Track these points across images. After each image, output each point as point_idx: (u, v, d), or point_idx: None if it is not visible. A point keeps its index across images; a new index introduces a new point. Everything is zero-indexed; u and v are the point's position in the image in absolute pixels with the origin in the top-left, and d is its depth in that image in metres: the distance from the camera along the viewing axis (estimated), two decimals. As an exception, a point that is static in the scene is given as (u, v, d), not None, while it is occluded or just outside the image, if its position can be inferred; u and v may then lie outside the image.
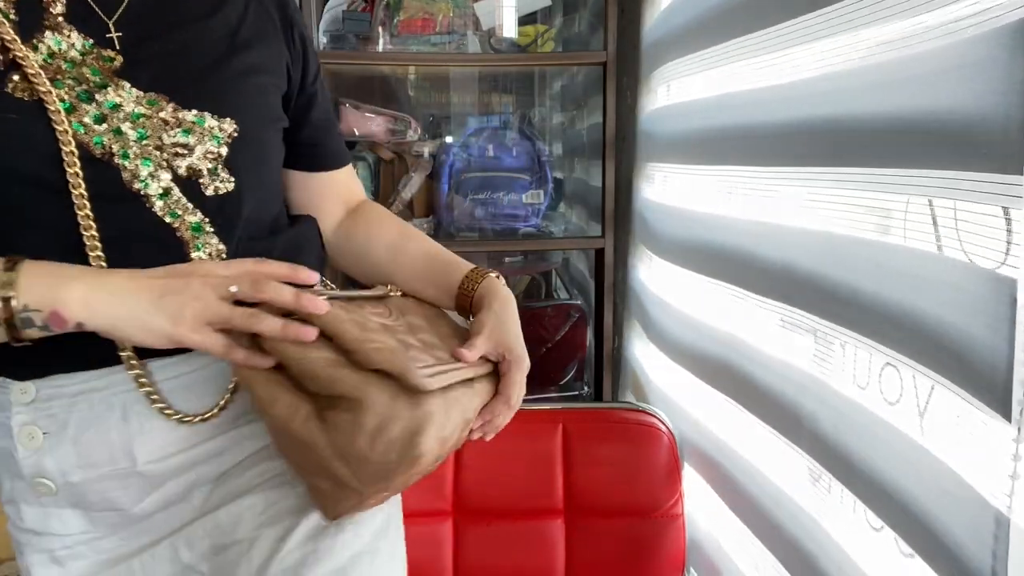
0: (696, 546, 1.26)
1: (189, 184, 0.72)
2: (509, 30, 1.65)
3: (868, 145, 0.69)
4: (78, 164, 0.67)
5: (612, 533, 1.26)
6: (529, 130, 1.69)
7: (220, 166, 0.73)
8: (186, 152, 0.72)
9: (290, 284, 0.68)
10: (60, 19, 0.70)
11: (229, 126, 0.73)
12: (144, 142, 0.70)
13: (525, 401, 0.80)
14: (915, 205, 0.67)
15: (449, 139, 1.70)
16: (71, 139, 0.67)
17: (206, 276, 0.66)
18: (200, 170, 0.72)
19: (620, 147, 1.58)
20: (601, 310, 1.63)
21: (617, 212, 1.59)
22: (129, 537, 0.77)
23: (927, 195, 0.63)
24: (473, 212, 1.63)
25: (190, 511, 0.76)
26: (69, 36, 0.69)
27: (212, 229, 0.73)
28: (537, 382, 1.80)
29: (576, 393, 1.80)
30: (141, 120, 0.70)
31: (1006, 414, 0.54)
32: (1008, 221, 0.54)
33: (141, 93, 0.70)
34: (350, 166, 0.95)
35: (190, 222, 0.72)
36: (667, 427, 1.29)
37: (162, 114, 0.71)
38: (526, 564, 1.26)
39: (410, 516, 1.30)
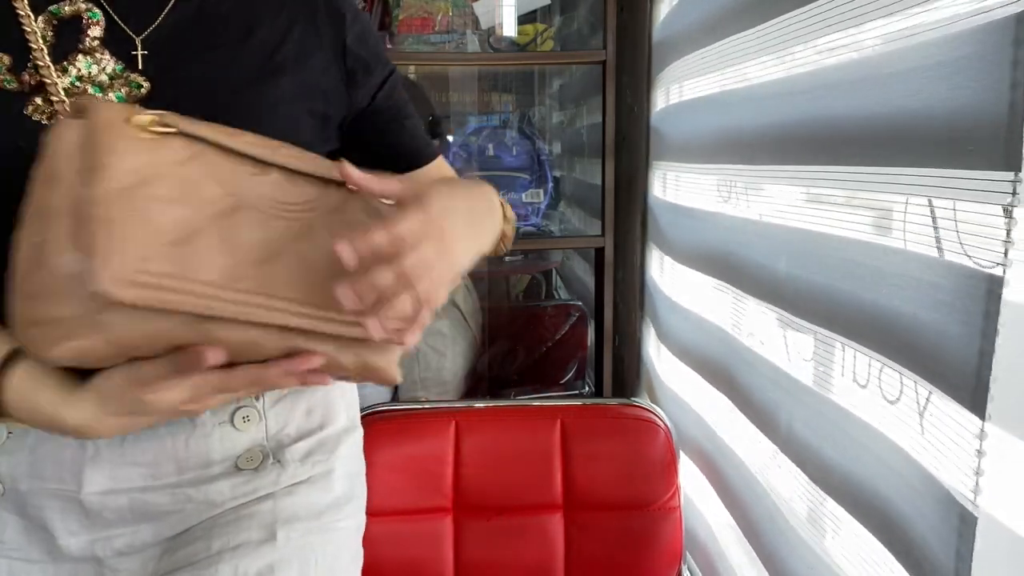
0: (693, 538, 1.27)
1: None
2: (508, 29, 1.66)
3: (867, 143, 0.69)
4: None
5: (610, 526, 1.27)
6: (529, 129, 1.69)
7: None
8: None
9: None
10: (96, 42, 0.68)
11: None
12: None
13: (524, 398, 0.80)
14: (900, 204, 0.67)
15: (449, 138, 1.70)
16: None
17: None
18: None
19: (620, 146, 1.57)
20: (601, 309, 1.63)
21: (617, 211, 1.59)
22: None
23: (924, 195, 0.63)
24: (473, 211, 1.63)
25: None
26: (101, 60, 0.68)
27: None
28: (538, 381, 1.81)
29: (577, 392, 1.80)
30: None
31: (979, 411, 0.54)
32: (1009, 220, 0.54)
33: None
34: (437, 160, 0.86)
35: None
36: (663, 421, 1.30)
37: None
38: (526, 558, 1.27)
39: (410, 513, 1.31)
